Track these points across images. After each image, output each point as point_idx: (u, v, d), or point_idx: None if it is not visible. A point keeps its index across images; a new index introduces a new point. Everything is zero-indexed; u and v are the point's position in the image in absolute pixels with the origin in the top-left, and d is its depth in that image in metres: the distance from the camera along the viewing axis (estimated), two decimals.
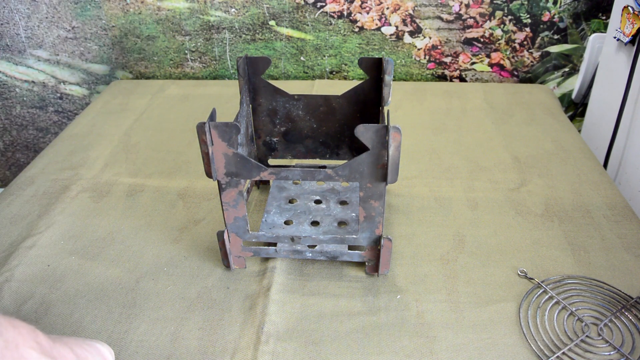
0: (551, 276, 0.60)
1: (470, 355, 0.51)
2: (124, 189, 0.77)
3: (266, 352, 0.51)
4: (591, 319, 0.55)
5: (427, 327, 0.54)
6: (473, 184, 0.76)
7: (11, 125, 1.26)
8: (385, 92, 0.59)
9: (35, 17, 1.11)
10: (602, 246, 0.64)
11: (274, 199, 0.69)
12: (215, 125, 0.49)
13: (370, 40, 1.10)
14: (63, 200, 0.75)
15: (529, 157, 0.83)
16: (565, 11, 1.03)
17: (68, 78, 1.19)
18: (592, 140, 1.02)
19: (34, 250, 0.65)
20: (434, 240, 0.66)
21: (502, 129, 0.91)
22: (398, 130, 0.47)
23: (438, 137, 0.89)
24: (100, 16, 1.10)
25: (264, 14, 1.08)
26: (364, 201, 0.53)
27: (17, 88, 1.20)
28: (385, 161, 0.50)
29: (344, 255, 0.60)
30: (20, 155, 1.31)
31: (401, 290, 0.59)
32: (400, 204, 0.72)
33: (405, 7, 1.05)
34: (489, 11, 1.04)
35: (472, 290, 0.58)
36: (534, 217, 0.70)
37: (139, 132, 0.93)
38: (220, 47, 1.13)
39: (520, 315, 0.55)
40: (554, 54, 1.09)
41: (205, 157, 0.51)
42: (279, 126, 0.69)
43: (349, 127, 0.68)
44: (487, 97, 1.02)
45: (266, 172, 0.52)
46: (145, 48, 1.14)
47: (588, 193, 0.74)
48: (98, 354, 0.43)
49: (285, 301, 0.57)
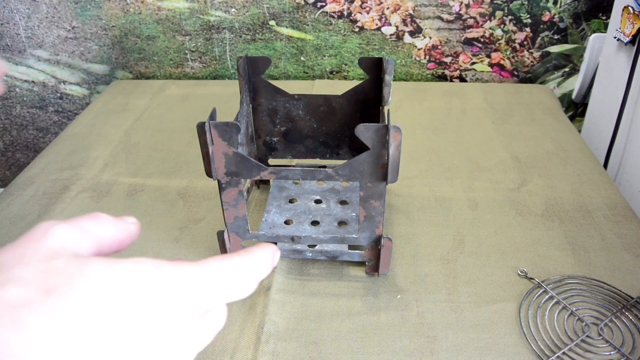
0: (551, 276, 0.60)
1: (470, 355, 0.51)
2: (124, 188, 0.77)
3: (266, 352, 0.51)
4: (591, 319, 0.55)
5: (427, 327, 0.54)
6: (473, 184, 0.76)
7: (11, 125, 1.26)
8: (386, 92, 0.59)
9: (35, 17, 1.11)
10: (602, 246, 0.64)
11: (274, 198, 0.69)
12: (215, 125, 0.49)
13: (370, 40, 1.10)
14: (63, 200, 0.75)
15: (529, 157, 0.83)
16: (566, 11, 1.03)
17: (68, 78, 1.19)
18: (592, 140, 1.02)
19: None
20: (434, 240, 0.66)
21: (502, 129, 0.91)
22: (398, 130, 0.47)
23: (438, 137, 0.89)
24: (101, 16, 1.10)
25: (264, 14, 1.08)
26: (364, 201, 0.53)
27: (17, 88, 1.20)
28: (385, 161, 0.50)
29: (344, 255, 0.60)
30: (20, 155, 1.31)
31: (401, 290, 0.59)
32: (400, 204, 0.72)
33: (405, 7, 1.05)
34: (489, 11, 1.04)
35: (472, 290, 0.58)
36: (534, 217, 0.70)
37: (139, 132, 0.93)
38: (221, 47, 1.13)
39: (521, 315, 0.55)
40: (554, 54, 1.09)
41: (206, 156, 0.51)
42: (279, 126, 0.69)
43: (349, 127, 0.68)
44: (487, 97, 1.02)
45: (266, 172, 0.52)
46: (145, 48, 1.14)
47: (588, 193, 0.74)
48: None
49: (285, 301, 0.57)
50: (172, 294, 0.23)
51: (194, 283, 0.24)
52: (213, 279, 0.25)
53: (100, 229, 0.26)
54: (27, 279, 0.21)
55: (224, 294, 0.25)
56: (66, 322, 0.20)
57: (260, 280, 0.27)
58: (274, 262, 0.29)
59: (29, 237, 0.23)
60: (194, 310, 0.24)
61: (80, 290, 0.21)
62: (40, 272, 0.21)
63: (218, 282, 0.25)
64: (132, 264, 0.23)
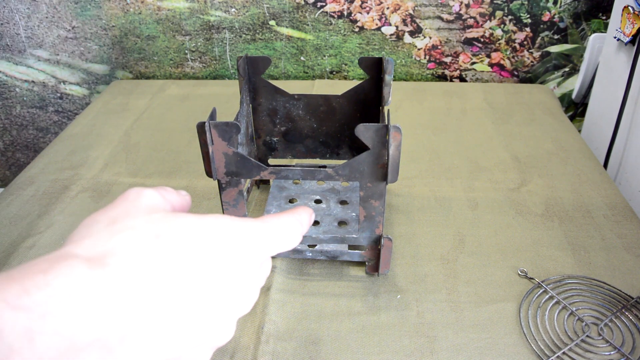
0: (551, 276, 0.60)
1: (470, 355, 0.51)
2: (124, 188, 0.77)
3: (266, 352, 0.51)
4: (591, 319, 0.55)
5: (427, 326, 0.54)
6: (473, 183, 0.76)
7: (11, 125, 1.26)
8: (386, 92, 0.59)
9: (35, 17, 1.11)
10: (602, 246, 0.64)
11: (274, 198, 0.69)
12: (215, 125, 0.49)
13: (370, 40, 1.10)
14: (63, 200, 0.75)
15: (529, 157, 0.83)
16: (566, 11, 1.03)
17: (68, 78, 1.19)
18: (592, 140, 1.02)
19: (34, 250, 0.65)
20: (434, 240, 0.66)
21: (502, 129, 0.91)
22: (398, 130, 0.47)
23: (438, 137, 0.89)
24: (100, 16, 1.10)
25: (264, 13, 1.08)
26: (364, 201, 0.53)
27: (17, 88, 1.20)
28: (385, 161, 0.50)
29: (344, 255, 0.60)
30: (20, 155, 1.31)
31: (401, 290, 0.59)
32: (400, 204, 0.72)
33: (405, 7, 1.05)
34: (489, 11, 1.04)
35: (472, 290, 0.58)
36: (534, 217, 0.70)
37: (139, 132, 0.93)
38: (221, 47, 1.13)
39: (521, 315, 0.55)
40: (554, 54, 1.09)
41: (206, 156, 0.51)
42: (279, 126, 0.69)
43: (349, 127, 0.68)
44: (487, 97, 1.02)
45: (266, 172, 0.52)
46: (145, 48, 1.14)
47: (588, 193, 0.74)
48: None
49: (285, 301, 0.57)
50: (245, 243, 0.29)
51: (260, 236, 0.30)
52: (273, 233, 0.31)
53: (171, 196, 0.32)
54: (138, 227, 0.26)
55: (279, 246, 0.31)
56: (172, 257, 0.25)
57: (303, 234, 0.34)
58: (311, 220, 0.36)
59: (125, 198, 0.29)
60: (259, 258, 0.30)
61: (178, 235, 0.26)
62: (145, 222, 0.26)
63: (276, 236, 0.31)
64: (213, 218, 0.28)
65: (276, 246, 0.31)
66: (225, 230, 0.28)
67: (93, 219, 0.27)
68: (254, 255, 0.29)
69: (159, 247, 0.25)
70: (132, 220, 0.27)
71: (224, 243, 0.27)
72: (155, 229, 0.26)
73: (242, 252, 0.28)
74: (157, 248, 0.25)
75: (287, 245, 0.32)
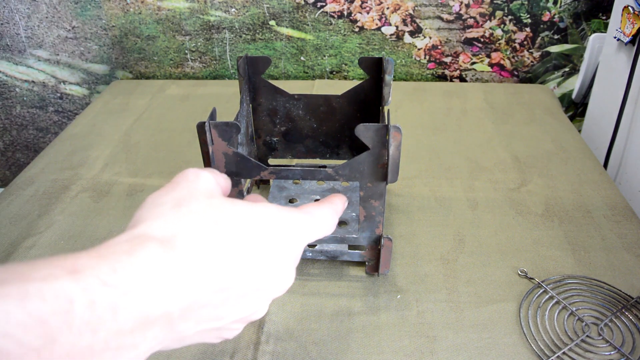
0: (551, 276, 0.60)
1: (470, 355, 0.51)
2: (124, 188, 0.77)
3: (266, 352, 0.51)
4: (591, 319, 0.55)
5: (427, 326, 0.54)
6: (473, 184, 0.76)
7: (11, 125, 1.26)
8: (386, 92, 0.59)
9: (35, 17, 1.11)
10: (603, 246, 0.64)
11: (274, 198, 0.69)
12: (215, 125, 0.49)
13: (370, 40, 1.10)
14: (63, 200, 0.75)
15: (529, 157, 0.83)
16: (566, 11, 1.03)
17: (68, 78, 1.19)
18: (592, 140, 1.02)
19: (34, 250, 0.65)
20: (434, 240, 0.66)
21: (502, 129, 0.91)
22: (398, 130, 0.47)
23: (438, 137, 0.89)
24: (100, 16, 1.10)
25: (264, 13, 1.08)
26: (364, 201, 0.53)
27: (17, 88, 1.20)
28: (385, 161, 0.50)
29: (344, 255, 0.60)
30: (20, 155, 1.31)
31: (401, 290, 0.59)
32: (400, 204, 0.72)
33: (405, 7, 1.05)
34: (489, 11, 1.04)
35: (472, 290, 0.58)
36: (534, 217, 0.70)
37: (139, 132, 0.93)
38: (221, 47, 1.13)
39: (521, 315, 0.55)
40: (554, 54, 1.09)
41: (206, 156, 0.51)
42: (279, 126, 0.69)
43: (349, 127, 0.68)
44: (487, 97, 1.02)
45: (266, 172, 0.52)
46: (145, 48, 1.14)
47: (588, 193, 0.74)
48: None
49: (285, 301, 0.57)
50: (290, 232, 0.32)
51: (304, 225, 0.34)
52: (314, 223, 0.35)
53: (220, 179, 0.36)
54: (201, 212, 0.29)
55: (318, 234, 0.35)
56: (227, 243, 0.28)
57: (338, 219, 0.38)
58: (344, 206, 0.40)
59: (185, 178, 0.33)
60: (301, 245, 0.34)
61: (233, 223, 0.30)
62: (206, 206, 0.30)
63: (317, 226, 0.35)
64: (263, 207, 0.32)
65: (316, 235, 0.35)
66: (274, 220, 0.31)
67: (159, 199, 0.30)
68: (297, 243, 0.33)
69: (218, 232, 0.28)
70: (195, 203, 0.30)
71: (272, 231, 0.31)
72: (214, 215, 0.29)
73: (287, 240, 0.32)
74: (216, 233, 0.28)
75: (325, 233, 0.36)
